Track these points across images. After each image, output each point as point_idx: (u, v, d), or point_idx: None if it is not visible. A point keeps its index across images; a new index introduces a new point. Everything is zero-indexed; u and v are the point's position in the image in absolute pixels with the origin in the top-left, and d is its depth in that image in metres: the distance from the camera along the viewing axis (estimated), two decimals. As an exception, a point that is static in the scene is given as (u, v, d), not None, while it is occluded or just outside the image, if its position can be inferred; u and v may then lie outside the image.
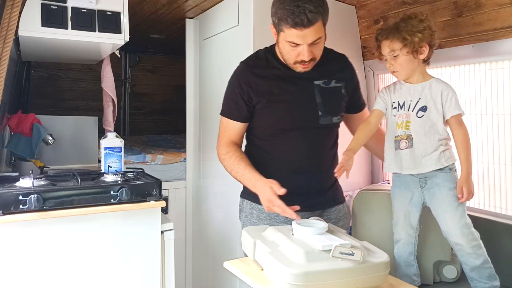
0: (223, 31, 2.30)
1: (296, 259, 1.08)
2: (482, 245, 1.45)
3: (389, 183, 2.30)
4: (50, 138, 2.19)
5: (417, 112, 1.49)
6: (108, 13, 1.80)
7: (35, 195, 1.36)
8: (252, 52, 1.93)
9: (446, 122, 1.48)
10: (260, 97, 1.52)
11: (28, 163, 2.05)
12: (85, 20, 1.75)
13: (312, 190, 1.55)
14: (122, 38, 1.84)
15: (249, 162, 1.54)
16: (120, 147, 1.76)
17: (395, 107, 1.56)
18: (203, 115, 2.63)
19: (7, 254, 1.35)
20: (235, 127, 1.58)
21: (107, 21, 1.79)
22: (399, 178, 1.56)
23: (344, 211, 1.64)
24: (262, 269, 1.17)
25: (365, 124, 1.58)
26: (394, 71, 1.53)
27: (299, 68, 1.48)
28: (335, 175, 1.45)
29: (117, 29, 1.82)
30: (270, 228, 1.31)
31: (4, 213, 1.32)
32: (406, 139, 1.51)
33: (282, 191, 1.35)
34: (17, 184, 1.46)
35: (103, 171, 1.72)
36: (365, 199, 1.92)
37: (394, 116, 1.55)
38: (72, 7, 1.72)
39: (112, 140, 1.76)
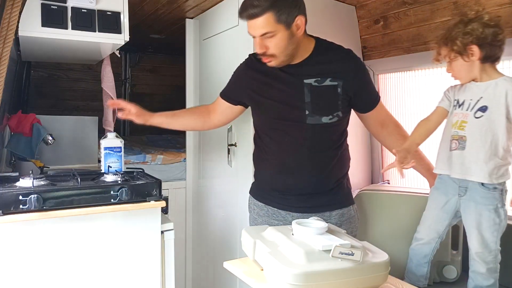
0: (223, 31, 2.30)
1: (296, 259, 1.08)
2: (498, 270, 1.38)
3: (389, 183, 2.30)
4: (50, 138, 2.19)
5: (475, 112, 1.37)
6: (108, 13, 1.80)
7: (35, 195, 1.35)
8: (251, 52, 1.94)
9: None
10: (249, 91, 1.59)
11: (28, 163, 2.05)
12: (85, 20, 1.75)
13: (306, 192, 1.52)
14: (122, 38, 1.84)
15: (180, 112, 1.86)
16: (120, 147, 1.76)
17: (454, 105, 1.46)
18: (203, 115, 2.63)
19: (7, 254, 1.35)
20: (217, 100, 1.76)
21: (107, 21, 1.79)
22: (440, 180, 1.48)
23: (348, 215, 1.57)
24: (262, 269, 1.17)
25: (425, 121, 1.50)
26: (453, 77, 1.46)
27: (267, 63, 1.48)
28: (401, 175, 1.40)
29: (117, 29, 1.82)
30: (270, 228, 1.31)
31: (4, 213, 1.32)
32: (458, 139, 1.40)
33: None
34: (17, 184, 1.46)
35: (103, 171, 1.72)
36: (365, 199, 1.92)
37: (452, 115, 1.46)
38: (72, 7, 1.72)
39: (112, 140, 1.76)
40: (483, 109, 1.36)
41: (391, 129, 1.63)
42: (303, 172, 1.51)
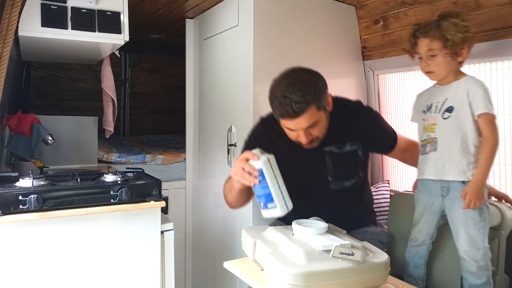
0: (223, 31, 2.30)
1: (296, 259, 1.08)
2: (490, 267, 1.38)
3: (388, 183, 2.30)
4: (50, 138, 2.19)
5: (443, 114, 1.41)
6: (108, 13, 1.79)
7: (35, 195, 1.35)
8: (251, 52, 1.96)
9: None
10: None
11: (28, 163, 2.05)
12: (85, 20, 1.75)
13: None
14: (122, 38, 1.83)
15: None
16: None
17: (424, 111, 1.50)
18: (203, 115, 2.63)
19: (7, 254, 1.35)
20: None
21: (107, 21, 1.79)
22: (422, 183, 1.50)
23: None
24: (262, 269, 1.17)
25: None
26: (428, 71, 1.45)
27: (303, 145, 1.44)
28: None
29: (117, 29, 1.81)
30: (270, 228, 1.31)
31: (4, 213, 1.32)
32: (431, 142, 1.44)
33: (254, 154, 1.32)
34: (17, 184, 1.46)
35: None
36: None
37: (423, 120, 1.49)
38: (72, 7, 1.72)
39: None
40: (450, 109, 1.40)
41: (411, 150, 1.65)
42: None
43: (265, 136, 1.57)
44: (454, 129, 1.38)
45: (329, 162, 1.50)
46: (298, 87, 1.33)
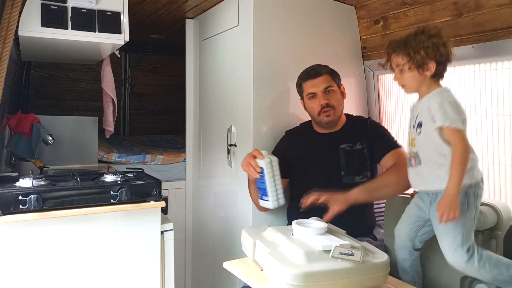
0: (223, 31, 2.30)
1: (296, 260, 1.08)
2: (487, 265, 1.34)
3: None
4: (50, 138, 2.19)
5: (416, 129, 1.45)
6: (108, 13, 1.80)
7: (35, 195, 1.36)
8: (251, 53, 1.98)
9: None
10: (293, 158, 1.84)
11: (28, 163, 2.05)
12: (85, 20, 1.75)
13: None
14: (122, 38, 1.84)
15: None
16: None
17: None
18: (203, 115, 2.63)
19: (7, 254, 1.35)
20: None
21: (107, 21, 1.79)
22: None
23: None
24: (262, 269, 1.18)
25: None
26: (401, 85, 1.50)
27: (324, 119, 1.79)
28: None
29: (117, 29, 1.82)
30: (270, 228, 1.31)
31: (4, 213, 1.32)
32: (413, 156, 1.47)
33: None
34: (17, 184, 1.46)
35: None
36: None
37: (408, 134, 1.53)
38: (72, 7, 1.72)
39: None
40: (420, 124, 1.43)
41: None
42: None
43: (289, 141, 1.94)
44: (427, 142, 1.41)
45: (342, 158, 1.79)
46: (318, 64, 1.88)
